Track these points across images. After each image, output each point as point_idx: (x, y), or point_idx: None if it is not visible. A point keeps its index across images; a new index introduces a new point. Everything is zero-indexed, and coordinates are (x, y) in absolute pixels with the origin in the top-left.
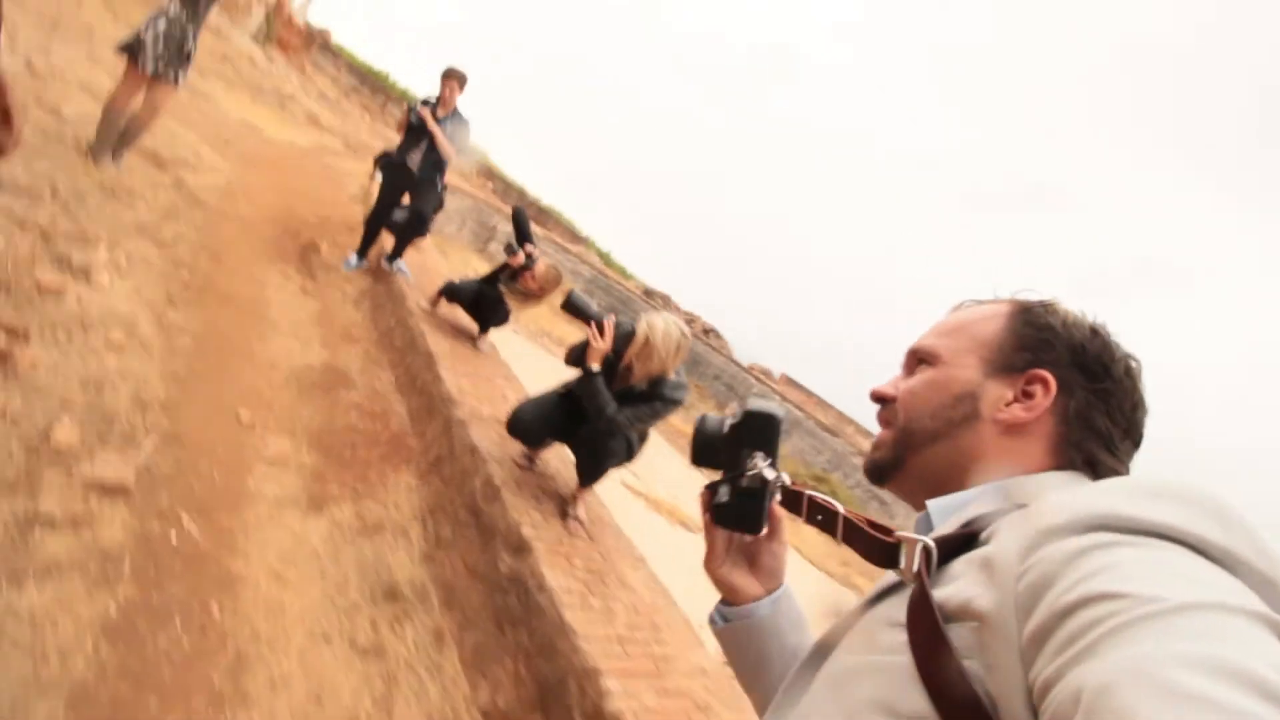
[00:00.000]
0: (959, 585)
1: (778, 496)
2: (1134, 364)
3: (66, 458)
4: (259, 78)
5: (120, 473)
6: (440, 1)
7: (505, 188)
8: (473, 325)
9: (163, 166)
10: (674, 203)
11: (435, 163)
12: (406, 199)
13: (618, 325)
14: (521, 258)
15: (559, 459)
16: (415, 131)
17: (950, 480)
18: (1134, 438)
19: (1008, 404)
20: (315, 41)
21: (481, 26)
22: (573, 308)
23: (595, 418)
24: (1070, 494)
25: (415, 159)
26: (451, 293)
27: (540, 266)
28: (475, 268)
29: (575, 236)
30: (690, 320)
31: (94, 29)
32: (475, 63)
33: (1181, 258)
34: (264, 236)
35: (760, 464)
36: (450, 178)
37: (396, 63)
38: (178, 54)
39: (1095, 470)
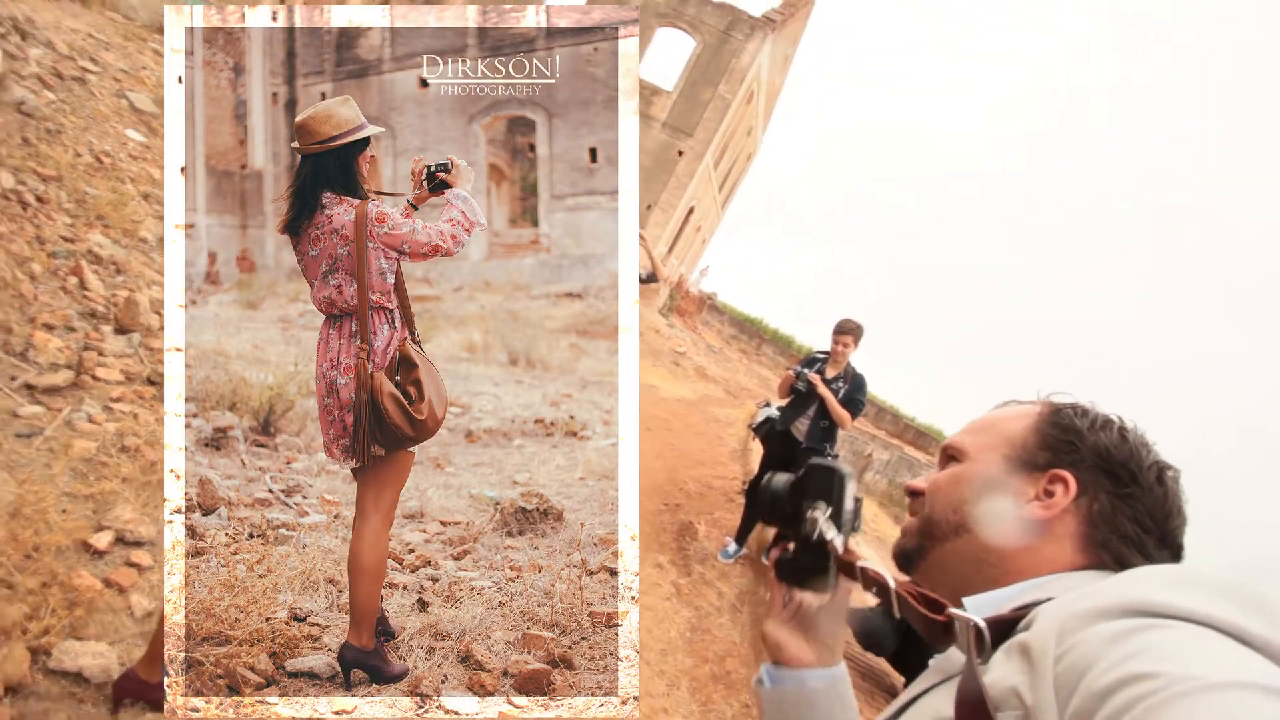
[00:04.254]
0: (1001, 672)
1: (842, 554)
2: (1169, 472)
3: None
4: (660, 343)
5: None
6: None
7: (877, 412)
8: (894, 674)
9: None
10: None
11: (826, 430)
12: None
13: None
14: None
15: None
16: (802, 397)
17: (979, 575)
18: (1170, 547)
19: (1028, 501)
20: (705, 304)
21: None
22: None
23: None
24: (1105, 583)
25: (801, 427)
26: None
27: None
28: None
29: None
30: None
31: None
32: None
33: None
34: (646, 514)
35: (820, 516)
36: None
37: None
38: None
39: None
